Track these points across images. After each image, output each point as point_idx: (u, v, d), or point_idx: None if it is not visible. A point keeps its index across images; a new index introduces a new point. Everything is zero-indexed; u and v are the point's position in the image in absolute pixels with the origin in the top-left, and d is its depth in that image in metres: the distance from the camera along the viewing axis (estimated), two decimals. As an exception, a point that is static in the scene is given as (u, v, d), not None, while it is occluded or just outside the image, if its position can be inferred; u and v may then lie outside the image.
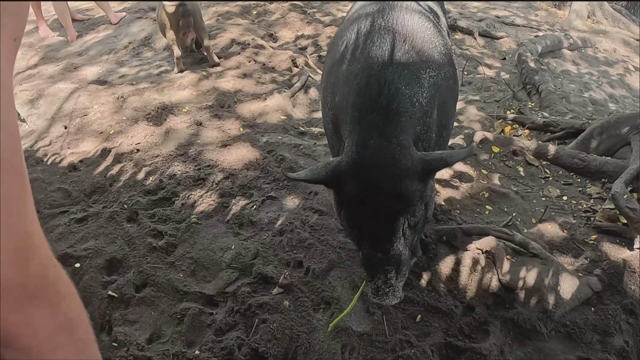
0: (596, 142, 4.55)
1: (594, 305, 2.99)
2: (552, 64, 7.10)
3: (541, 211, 3.72)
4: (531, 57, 6.41)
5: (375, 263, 2.25)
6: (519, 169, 4.26)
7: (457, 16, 7.95)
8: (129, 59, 6.33)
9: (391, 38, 2.32)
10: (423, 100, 2.28)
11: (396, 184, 2.11)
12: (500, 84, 6.00)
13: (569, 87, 6.39)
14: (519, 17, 8.79)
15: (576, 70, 7.22)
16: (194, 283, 3.02)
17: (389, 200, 2.13)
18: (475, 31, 7.60)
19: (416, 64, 2.33)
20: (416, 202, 2.19)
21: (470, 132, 4.48)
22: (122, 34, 7.09)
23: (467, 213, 3.61)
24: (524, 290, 3.00)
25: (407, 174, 2.12)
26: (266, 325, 2.70)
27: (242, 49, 6.10)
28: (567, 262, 3.29)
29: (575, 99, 5.99)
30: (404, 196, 2.14)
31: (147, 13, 7.72)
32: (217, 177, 3.85)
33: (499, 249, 3.14)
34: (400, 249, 2.22)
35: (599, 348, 2.78)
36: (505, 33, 7.80)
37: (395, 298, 2.26)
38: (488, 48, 7.39)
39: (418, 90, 2.27)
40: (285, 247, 3.21)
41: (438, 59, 2.49)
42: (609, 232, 3.56)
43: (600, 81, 6.94)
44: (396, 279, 2.25)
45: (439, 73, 2.45)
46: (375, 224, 2.20)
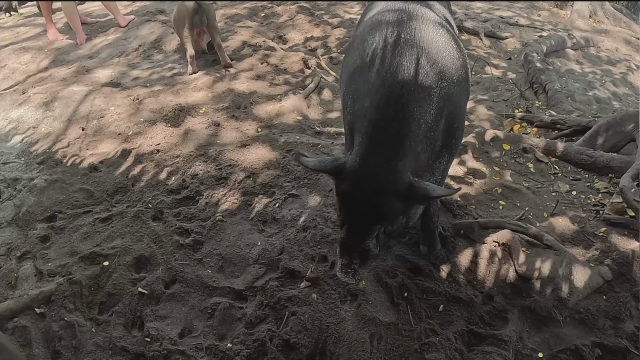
0: (602, 139, 4.65)
1: (605, 293, 3.10)
2: (556, 63, 7.18)
3: (552, 205, 3.82)
4: (537, 57, 6.49)
5: (346, 246, 2.47)
6: (529, 165, 4.36)
7: (463, 17, 8.01)
8: (140, 62, 6.38)
9: (415, 57, 2.42)
10: (429, 118, 2.43)
11: (381, 202, 2.34)
12: (508, 83, 6.08)
13: (574, 86, 6.48)
14: (523, 18, 8.85)
15: (580, 69, 7.31)
16: (222, 278, 3.11)
17: (370, 212, 2.37)
18: (481, 32, 7.67)
19: (432, 83, 2.45)
20: (396, 218, 2.43)
21: (480, 130, 4.58)
22: (132, 37, 7.14)
23: (482, 208, 3.72)
24: (540, 280, 3.12)
25: (394, 196, 2.34)
26: (296, 317, 2.80)
27: (253, 51, 6.18)
28: (579, 253, 3.39)
29: (580, 97, 6.07)
30: (385, 213, 2.37)
31: (155, 16, 7.78)
32: (239, 176, 3.93)
33: (514, 242, 3.25)
34: (370, 247, 2.44)
35: (612, 333, 2.90)
36: (510, 33, 7.87)
37: (353, 280, 2.47)
38: (494, 48, 7.47)
39: (428, 109, 2.42)
40: (310, 243, 3.30)
41: (454, 72, 2.59)
42: (617, 225, 3.65)
43: (604, 80, 7.03)
44: (359, 265, 2.46)
45: (453, 85, 2.56)
46: (354, 221, 2.43)
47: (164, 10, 8.16)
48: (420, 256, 3.22)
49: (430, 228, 3.17)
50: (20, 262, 3.31)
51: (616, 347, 2.82)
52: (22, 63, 6.54)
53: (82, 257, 3.24)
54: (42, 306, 2.92)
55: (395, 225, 2.46)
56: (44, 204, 3.79)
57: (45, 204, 3.80)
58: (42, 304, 2.93)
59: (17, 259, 3.33)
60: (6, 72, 6.30)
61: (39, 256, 3.32)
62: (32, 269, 3.23)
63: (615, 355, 2.81)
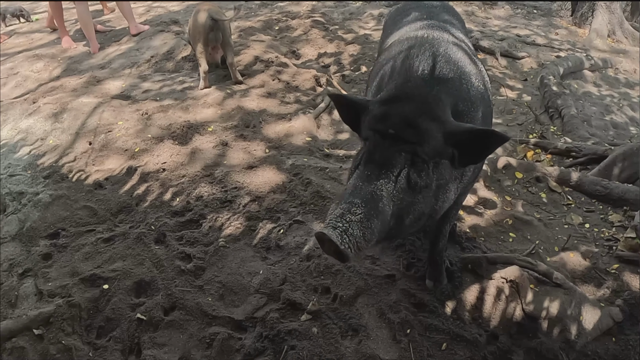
0: (618, 170, 4.56)
1: (615, 335, 3.00)
2: (573, 85, 7.10)
3: (564, 239, 3.74)
4: (553, 80, 6.42)
5: (348, 191, 2.04)
6: (541, 195, 4.28)
7: (479, 36, 7.96)
8: (152, 74, 6.40)
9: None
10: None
11: (417, 121, 2.07)
12: (523, 106, 6.02)
13: (591, 110, 6.39)
14: (540, 36, 8.78)
15: (597, 92, 7.22)
16: (222, 307, 3.05)
17: (402, 131, 2.07)
18: (497, 51, 7.61)
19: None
20: (429, 155, 2.08)
21: (493, 157, 4.51)
22: (144, 47, 7.16)
23: (492, 240, 3.64)
24: (547, 320, 3.03)
25: (431, 118, 2.08)
26: (295, 352, 2.72)
27: (265, 67, 6.16)
28: (589, 291, 3.31)
29: (596, 122, 6.00)
30: (421, 131, 2.06)
31: (169, 26, 7.80)
32: (244, 200, 3.89)
33: (523, 279, 3.16)
34: (382, 192, 2.01)
35: None
36: (526, 53, 7.79)
37: (337, 237, 1.89)
38: (510, 69, 7.39)
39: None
40: (313, 273, 3.24)
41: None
42: (630, 262, 3.56)
43: (621, 103, 6.93)
44: (357, 221, 1.93)
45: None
46: (377, 149, 2.11)
47: (178, 20, 8.19)
48: (425, 291, 3.14)
49: (437, 262, 3.11)
50: (22, 279, 3.28)
51: None
52: (34, 71, 6.58)
53: (83, 279, 3.20)
54: (40, 327, 2.89)
55: (424, 175, 2.08)
56: (47, 220, 3.77)
57: (49, 220, 3.77)
58: (40, 326, 2.90)
59: (18, 276, 3.31)
60: (18, 80, 6.33)
61: (40, 275, 3.29)
62: (33, 288, 3.20)
63: None
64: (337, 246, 1.87)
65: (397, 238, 2.43)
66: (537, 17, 10.25)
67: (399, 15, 3.40)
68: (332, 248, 1.90)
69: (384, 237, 2.09)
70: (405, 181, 2.04)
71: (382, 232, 2.00)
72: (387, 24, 3.62)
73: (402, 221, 2.07)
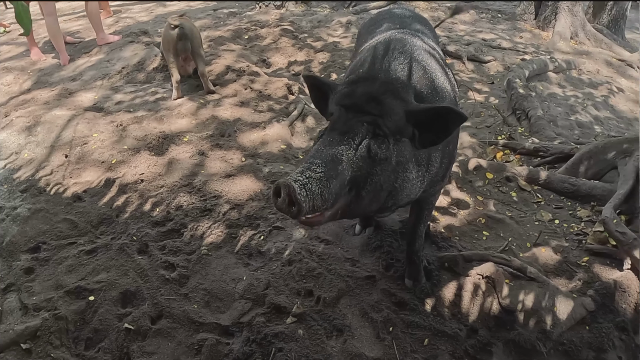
0: (585, 167, 4.73)
1: (588, 324, 3.15)
2: (539, 87, 7.29)
3: (535, 235, 3.88)
4: (520, 82, 6.59)
5: (311, 154, 2.11)
6: (512, 194, 4.43)
7: (446, 41, 8.12)
8: (124, 85, 6.39)
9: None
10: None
11: (385, 94, 2.21)
12: (490, 109, 6.17)
13: (556, 110, 6.59)
14: (505, 40, 8.98)
15: (562, 93, 7.43)
16: (209, 314, 3.10)
17: (365, 104, 2.19)
18: (464, 56, 7.77)
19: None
20: (390, 129, 2.19)
21: (464, 159, 4.64)
22: (115, 59, 7.14)
23: (466, 239, 3.77)
24: (523, 312, 3.16)
25: (394, 96, 2.22)
26: (283, 354, 2.79)
27: (237, 76, 6.22)
28: (562, 283, 3.45)
29: (562, 122, 6.18)
30: (383, 106, 2.18)
31: (139, 37, 7.79)
32: (224, 208, 3.94)
33: (498, 274, 3.30)
34: (342, 156, 2.08)
35: None
36: (492, 57, 7.97)
37: (295, 187, 1.91)
38: (477, 72, 7.56)
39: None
40: (295, 277, 3.31)
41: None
42: (600, 254, 3.73)
43: (586, 103, 7.16)
44: (316, 179, 1.97)
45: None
46: (341, 118, 2.21)
47: (147, 31, 8.18)
48: (405, 290, 3.25)
49: (415, 262, 3.23)
50: (5, 294, 3.27)
51: None
52: (4, 84, 6.53)
53: (68, 292, 3.21)
54: (28, 342, 2.89)
55: (384, 147, 2.17)
56: (27, 234, 3.76)
57: (29, 234, 3.77)
58: (28, 340, 2.90)
59: (1, 291, 3.30)
60: (-13, 94, 6.27)
61: (24, 289, 3.28)
62: (17, 302, 3.19)
63: None
64: (295, 194, 1.90)
65: (358, 213, 2.49)
66: (501, 21, 10.48)
67: (373, 25, 3.51)
68: (288, 198, 1.93)
69: (344, 209, 2.15)
70: (365, 150, 2.12)
71: (339, 195, 2.05)
72: (361, 32, 3.73)
73: (361, 192, 2.14)
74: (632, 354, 3.04)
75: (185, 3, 11.37)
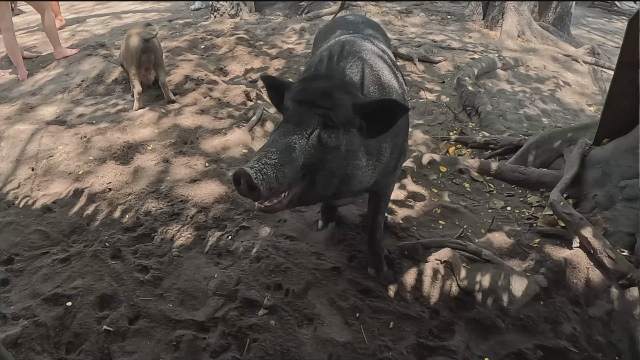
0: (533, 156, 4.98)
1: (543, 299, 3.35)
2: (488, 84, 7.56)
3: (489, 222, 4.10)
4: (469, 80, 6.84)
5: (267, 144, 2.31)
6: (465, 185, 4.65)
7: (397, 43, 8.33)
8: (84, 98, 6.44)
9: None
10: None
11: (335, 89, 2.42)
12: (442, 107, 6.40)
13: (505, 106, 6.85)
14: (455, 41, 9.23)
15: (511, 88, 7.71)
16: (184, 311, 3.22)
17: (315, 99, 2.39)
18: (414, 57, 7.99)
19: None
20: (340, 120, 2.38)
21: (418, 155, 4.87)
22: (74, 72, 7.19)
23: (424, 229, 3.97)
24: (481, 292, 3.37)
25: (343, 91, 2.44)
26: (258, 344, 2.94)
27: (196, 85, 6.33)
28: (516, 264, 3.67)
29: (511, 116, 6.44)
30: (334, 100, 2.38)
31: (96, 50, 7.84)
32: (191, 212, 4.07)
33: (455, 259, 3.50)
34: (296, 145, 2.28)
35: (552, 336, 3.14)
36: (442, 57, 8.21)
37: (252, 173, 2.10)
38: (428, 73, 7.78)
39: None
40: (264, 272, 3.46)
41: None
42: (550, 236, 3.96)
43: (533, 98, 7.44)
44: (271, 164, 2.15)
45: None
46: (294, 112, 2.42)
47: (105, 44, 8.23)
48: (369, 279, 3.43)
49: (376, 251, 3.43)
50: (-18, 306, 3.34)
51: (557, 348, 3.06)
52: (-37, 101, 6.50)
53: (45, 299, 3.28)
54: (9, 350, 2.94)
55: (334, 137, 2.38)
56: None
57: (1, 246, 3.81)
58: (9, 348, 2.95)
59: (-23, 304, 3.36)
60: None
61: (1, 300, 3.34)
62: (-5, 313, 3.25)
63: (556, 356, 3.05)
64: (252, 179, 2.08)
65: (314, 199, 2.65)
66: (451, 23, 10.74)
67: (328, 31, 3.70)
68: (247, 184, 2.12)
69: (300, 194, 2.36)
70: (316, 139, 2.33)
71: (294, 180, 2.26)
72: (317, 39, 3.92)
73: (315, 178, 2.35)
74: (586, 325, 3.24)
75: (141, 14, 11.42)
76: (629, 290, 3.40)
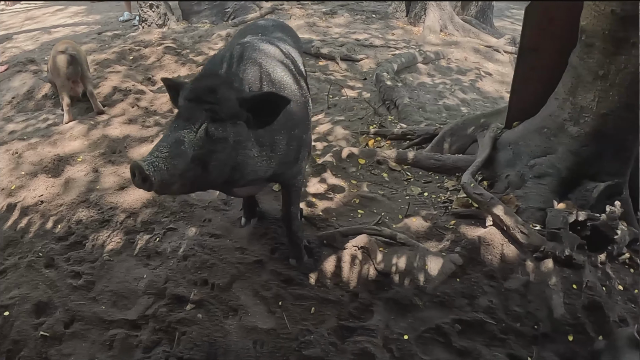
0: (448, 144, 5.25)
1: (459, 276, 3.61)
2: (409, 78, 7.83)
3: (406, 208, 4.35)
4: (387, 75, 7.09)
5: (160, 140, 2.54)
6: (383, 175, 4.90)
7: (320, 44, 8.52)
8: (15, 115, 6.48)
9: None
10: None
11: (221, 86, 2.64)
12: (363, 103, 6.63)
13: (425, 98, 7.13)
14: (378, 39, 9.47)
15: (431, 81, 8.00)
16: (117, 312, 3.37)
17: (203, 97, 2.59)
18: (337, 56, 8.20)
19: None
20: (226, 114, 2.60)
21: (338, 149, 5.12)
22: (4, 89, 7.20)
23: (343, 218, 4.20)
24: (398, 273, 3.60)
25: (231, 89, 2.66)
26: (186, 337, 3.13)
27: (124, 96, 6.46)
28: (433, 246, 3.90)
29: (431, 107, 6.72)
30: (219, 95, 2.59)
31: (26, 66, 7.85)
32: (120, 218, 4.21)
33: (371, 244, 3.74)
34: (185, 138, 2.48)
35: (469, 309, 3.40)
36: (365, 55, 8.44)
37: (146, 166, 2.33)
38: (350, 71, 8.00)
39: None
40: (191, 270, 3.64)
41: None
42: (465, 217, 4.19)
43: (453, 89, 7.74)
44: (163, 158, 2.38)
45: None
46: (185, 110, 2.63)
47: (34, 59, 8.24)
48: (291, 269, 3.65)
49: (295, 242, 3.66)
50: None
51: (474, 320, 3.32)
52: None
53: (-17, 312, 3.37)
54: None
55: (222, 130, 2.58)
56: None
57: (-62, 265, 3.87)
58: (-51, 360, 3.05)
59: None
60: None
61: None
62: None
63: (473, 328, 3.30)
64: (144, 171, 2.32)
65: (210, 185, 2.89)
66: (375, 21, 11.00)
67: (239, 37, 3.88)
68: (141, 176, 2.36)
69: (195, 180, 2.59)
70: (204, 132, 2.53)
71: (185, 170, 2.47)
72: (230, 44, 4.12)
73: (207, 167, 2.57)
74: (503, 297, 3.50)
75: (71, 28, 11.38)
76: (544, 262, 3.65)
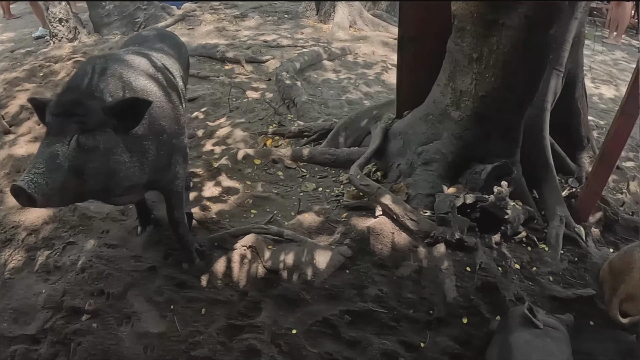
0: (343, 137, 5.46)
1: (349, 268, 3.82)
2: (313, 76, 8.00)
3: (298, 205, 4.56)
4: (287, 75, 7.24)
5: (35, 157, 2.64)
6: (279, 174, 5.11)
7: (225, 49, 8.61)
8: None
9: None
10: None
11: (84, 97, 2.76)
12: (264, 103, 6.82)
13: (328, 94, 7.32)
14: (286, 39, 9.58)
15: (336, 77, 8.18)
16: (17, 328, 3.48)
17: (70, 111, 2.70)
18: (242, 59, 8.30)
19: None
20: (94, 124, 2.72)
21: (234, 151, 5.29)
22: None
23: (236, 219, 4.40)
24: (286, 270, 3.81)
25: (94, 99, 2.78)
26: (82, 347, 3.28)
27: (31, 114, 6.44)
28: (324, 240, 4.12)
29: (333, 103, 6.93)
30: (85, 107, 2.71)
31: None
32: (22, 236, 4.30)
33: (259, 242, 3.94)
34: (58, 152, 2.59)
35: (358, 300, 3.62)
36: (271, 56, 8.55)
37: (25, 185, 2.45)
38: (255, 72, 8.12)
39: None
40: (88, 281, 3.77)
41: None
42: (356, 209, 4.42)
43: (358, 83, 7.94)
44: (40, 173, 2.51)
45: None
46: (55, 124, 2.71)
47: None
48: (184, 272, 3.83)
49: (186, 246, 3.84)
50: None
51: (363, 310, 3.54)
52: None
53: None
54: None
55: (90, 138, 2.69)
56: None
57: None
58: None
59: None
60: None
61: None
62: None
63: (363, 317, 3.52)
64: (25, 190, 2.44)
65: (90, 195, 2.98)
66: (286, 22, 11.10)
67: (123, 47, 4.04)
68: (24, 195, 2.48)
69: (75, 191, 2.73)
70: (76, 143, 2.65)
71: (64, 182, 2.59)
72: None
73: (83, 176, 2.70)
74: (395, 285, 3.73)
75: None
76: (435, 248, 3.91)
